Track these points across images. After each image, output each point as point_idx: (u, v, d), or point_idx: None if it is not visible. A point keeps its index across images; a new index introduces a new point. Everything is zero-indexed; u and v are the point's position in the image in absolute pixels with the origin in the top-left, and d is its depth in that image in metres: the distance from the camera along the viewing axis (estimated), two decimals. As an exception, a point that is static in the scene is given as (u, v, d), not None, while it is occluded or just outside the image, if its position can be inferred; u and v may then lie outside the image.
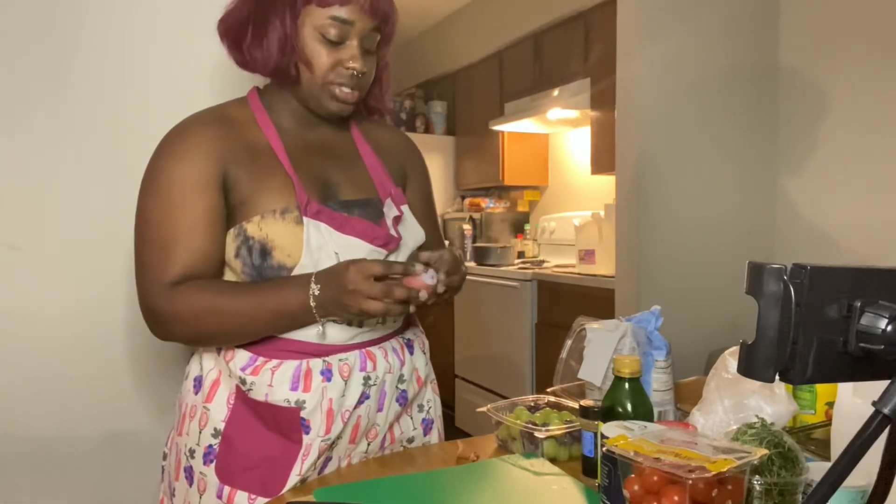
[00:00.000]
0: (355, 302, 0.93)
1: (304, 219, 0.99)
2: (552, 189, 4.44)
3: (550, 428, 1.04)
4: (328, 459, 1.06)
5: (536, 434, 1.04)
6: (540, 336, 3.38)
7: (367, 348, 1.06)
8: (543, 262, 4.04)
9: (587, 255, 3.31)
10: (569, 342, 1.36)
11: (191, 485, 1.04)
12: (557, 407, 1.16)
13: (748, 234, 2.52)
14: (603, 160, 3.29)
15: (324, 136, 1.11)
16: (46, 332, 1.42)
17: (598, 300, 2.88)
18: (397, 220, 1.09)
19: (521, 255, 4.29)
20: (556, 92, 3.69)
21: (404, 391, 1.11)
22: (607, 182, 3.39)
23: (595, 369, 1.21)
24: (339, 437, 1.04)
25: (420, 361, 1.15)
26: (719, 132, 2.47)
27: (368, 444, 1.09)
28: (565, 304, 3.20)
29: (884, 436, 0.43)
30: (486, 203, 4.54)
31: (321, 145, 1.10)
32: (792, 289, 0.46)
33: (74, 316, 1.44)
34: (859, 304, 0.46)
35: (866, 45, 2.22)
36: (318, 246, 0.99)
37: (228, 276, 1.05)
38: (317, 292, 0.95)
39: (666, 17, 2.36)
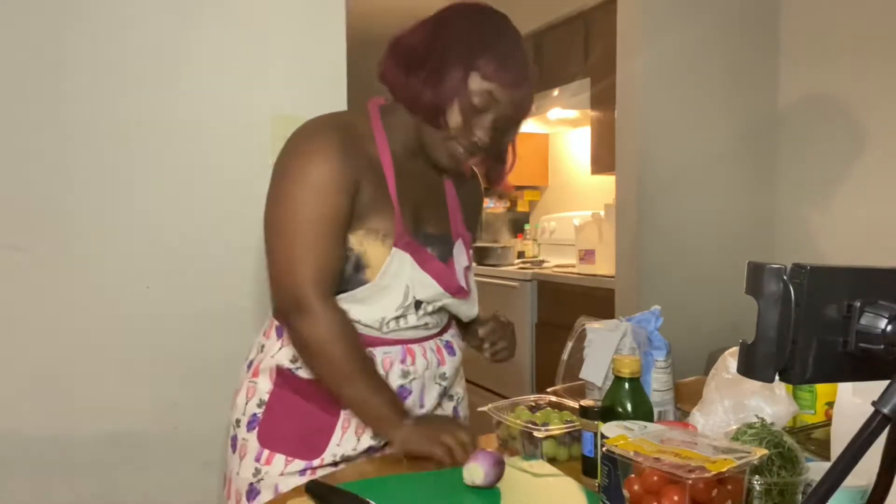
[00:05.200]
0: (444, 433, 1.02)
1: (394, 248, 1.07)
2: (552, 189, 4.44)
3: (550, 428, 1.04)
4: (373, 449, 1.11)
5: (535, 434, 1.04)
6: (540, 336, 3.38)
7: (408, 345, 1.14)
8: (543, 262, 4.04)
9: (587, 255, 3.31)
10: (570, 343, 1.36)
11: (234, 451, 1.14)
12: (558, 407, 1.16)
13: (748, 235, 2.52)
14: (603, 160, 3.29)
15: (422, 167, 1.17)
16: (47, 332, 1.42)
17: (598, 300, 2.88)
18: (468, 269, 1.19)
19: (521, 255, 4.29)
20: (556, 92, 3.69)
21: (444, 388, 1.20)
22: (607, 182, 3.39)
23: (596, 369, 1.21)
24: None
25: (458, 361, 1.24)
26: (719, 132, 2.47)
27: None
28: (565, 304, 3.19)
29: (884, 436, 0.43)
30: (486, 203, 4.54)
31: (418, 176, 1.17)
32: (792, 289, 0.46)
33: (74, 316, 1.44)
34: (859, 304, 0.46)
35: (866, 47, 2.22)
36: (394, 273, 1.08)
37: None
38: (408, 422, 1.05)
39: (666, 18, 2.36)
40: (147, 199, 1.49)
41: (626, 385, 0.97)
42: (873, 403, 0.43)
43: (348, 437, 1.10)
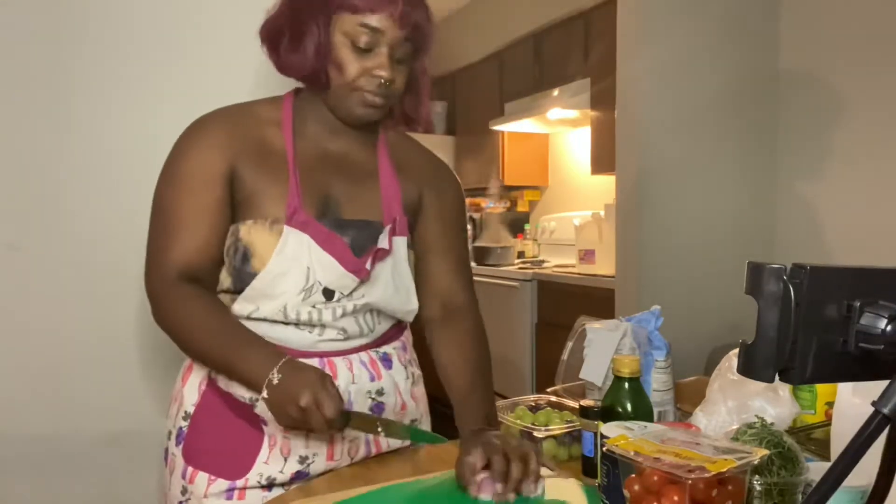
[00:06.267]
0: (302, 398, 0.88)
1: (286, 227, 0.99)
2: (552, 189, 4.44)
3: (550, 428, 1.04)
4: (302, 474, 1.03)
5: (535, 434, 1.04)
6: (540, 336, 3.38)
7: (330, 357, 1.04)
8: (543, 262, 4.04)
9: (587, 255, 3.31)
10: (570, 343, 1.36)
11: (166, 465, 1.08)
12: (558, 407, 1.16)
13: (748, 234, 2.52)
14: (603, 160, 3.29)
15: (345, 147, 1.10)
16: (47, 332, 1.42)
17: (598, 300, 2.88)
18: (383, 253, 1.05)
19: (521, 255, 4.29)
20: (556, 92, 3.69)
21: (380, 404, 1.07)
22: (607, 182, 3.39)
23: (596, 369, 1.21)
24: (308, 449, 1.02)
25: (401, 376, 1.11)
26: (720, 132, 2.46)
27: (352, 460, 1.07)
28: (565, 304, 3.19)
29: (883, 436, 0.43)
30: (486, 203, 4.53)
31: (338, 157, 1.09)
32: (792, 289, 0.46)
33: (74, 316, 1.44)
34: (859, 304, 0.46)
35: (867, 46, 2.22)
36: (293, 256, 0.99)
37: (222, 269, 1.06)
38: (275, 381, 0.91)
39: (666, 18, 2.36)
40: (147, 200, 1.49)
41: (626, 385, 0.97)
42: (873, 403, 0.43)
43: (275, 457, 1.01)
